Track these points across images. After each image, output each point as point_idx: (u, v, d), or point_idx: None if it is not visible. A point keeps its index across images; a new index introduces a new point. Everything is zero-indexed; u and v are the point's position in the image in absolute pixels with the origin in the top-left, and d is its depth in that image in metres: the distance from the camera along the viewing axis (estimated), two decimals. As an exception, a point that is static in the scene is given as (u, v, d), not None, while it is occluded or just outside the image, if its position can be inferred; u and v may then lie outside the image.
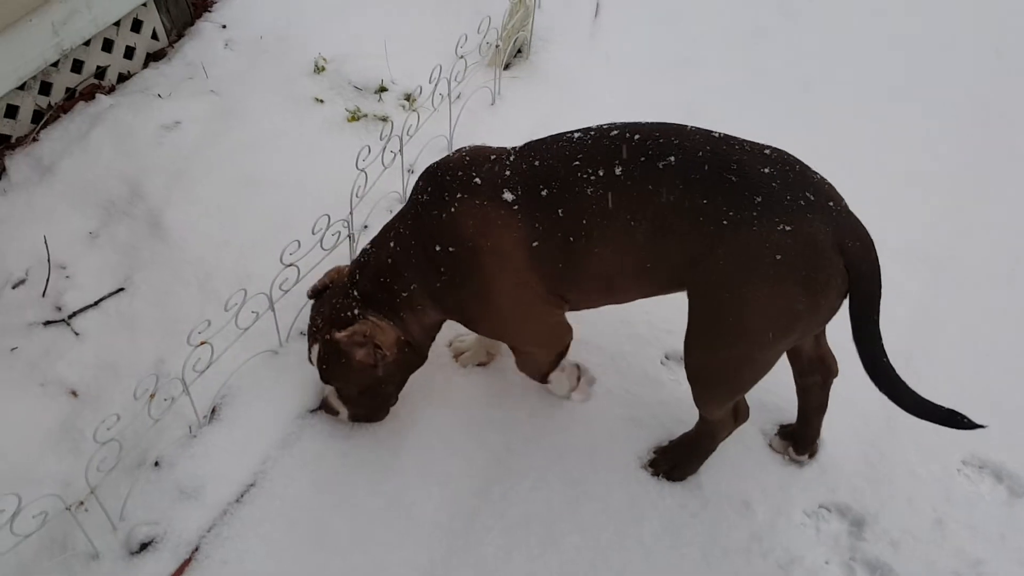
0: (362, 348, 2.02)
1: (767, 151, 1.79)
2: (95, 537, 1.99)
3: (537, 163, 1.90)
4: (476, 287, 1.92)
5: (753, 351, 1.83)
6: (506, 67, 3.11)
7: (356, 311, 2.04)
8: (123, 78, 3.24)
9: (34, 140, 2.93)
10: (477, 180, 1.91)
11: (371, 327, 2.02)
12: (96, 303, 2.52)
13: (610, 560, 2.08)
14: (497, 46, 3.08)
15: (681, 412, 2.28)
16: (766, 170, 1.73)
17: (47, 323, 2.48)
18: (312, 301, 2.21)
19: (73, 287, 2.55)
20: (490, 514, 2.13)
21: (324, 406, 2.22)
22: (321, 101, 3.07)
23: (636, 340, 2.48)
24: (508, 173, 1.91)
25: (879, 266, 1.74)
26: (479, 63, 3.00)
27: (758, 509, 2.16)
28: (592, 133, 1.90)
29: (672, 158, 1.78)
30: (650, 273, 1.87)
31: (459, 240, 1.89)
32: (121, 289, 2.55)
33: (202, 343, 2.07)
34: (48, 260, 2.56)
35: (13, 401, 2.30)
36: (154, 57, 3.34)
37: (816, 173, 1.80)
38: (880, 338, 1.77)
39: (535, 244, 1.87)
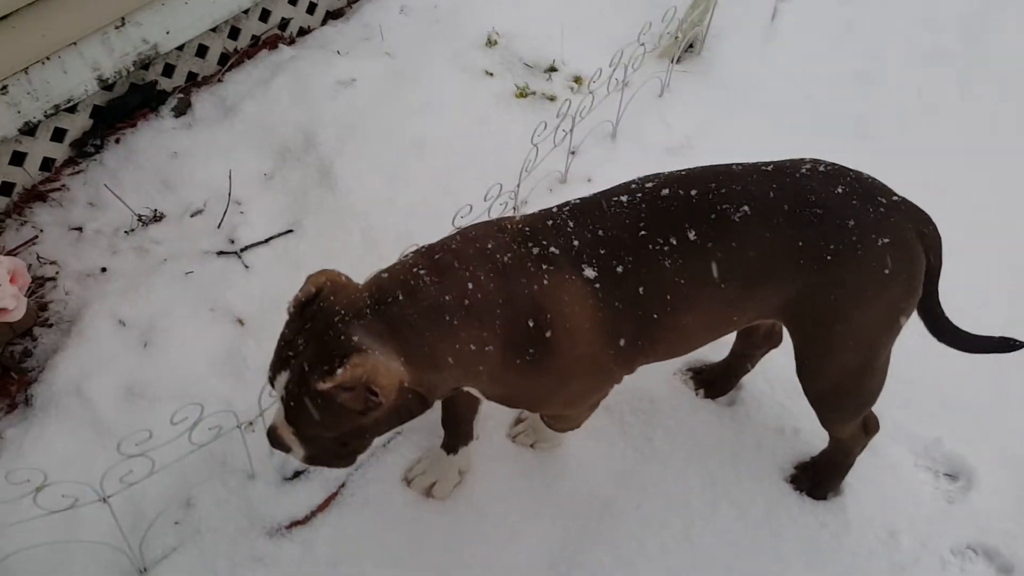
0: (351, 391, 1.51)
1: (821, 168, 1.76)
2: (254, 458, 2.09)
3: (602, 233, 1.69)
4: (559, 369, 1.68)
5: (872, 362, 1.85)
6: (676, 60, 3.09)
7: (356, 337, 1.51)
8: (303, 32, 3.37)
9: (219, 81, 3.07)
10: (554, 250, 1.67)
11: (371, 366, 1.48)
12: (266, 240, 2.64)
13: (744, 568, 2.05)
14: (676, 38, 3.06)
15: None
16: (839, 190, 1.72)
17: (220, 253, 2.61)
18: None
19: (246, 223, 2.68)
20: (627, 501, 2.13)
21: (272, 437, 1.66)
22: (491, 74, 3.11)
23: (785, 347, 2.43)
24: (577, 244, 1.68)
25: (941, 239, 1.79)
26: (651, 53, 2.99)
27: (903, 540, 2.09)
28: (640, 195, 1.73)
29: (746, 208, 1.68)
30: (735, 323, 1.86)
31: (536, 318, 1.62)
32: (290, 231, 2.66)
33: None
34: (229, 194, 2.69)
35: (185, 321, 2.43)
36: (333, 15, 3.46)
37: (863, 173, 1.79)
38: (938, 297, 1.85)
39: (614, 325, 1.68)
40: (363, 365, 1.47)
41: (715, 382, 2.35)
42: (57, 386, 2.29)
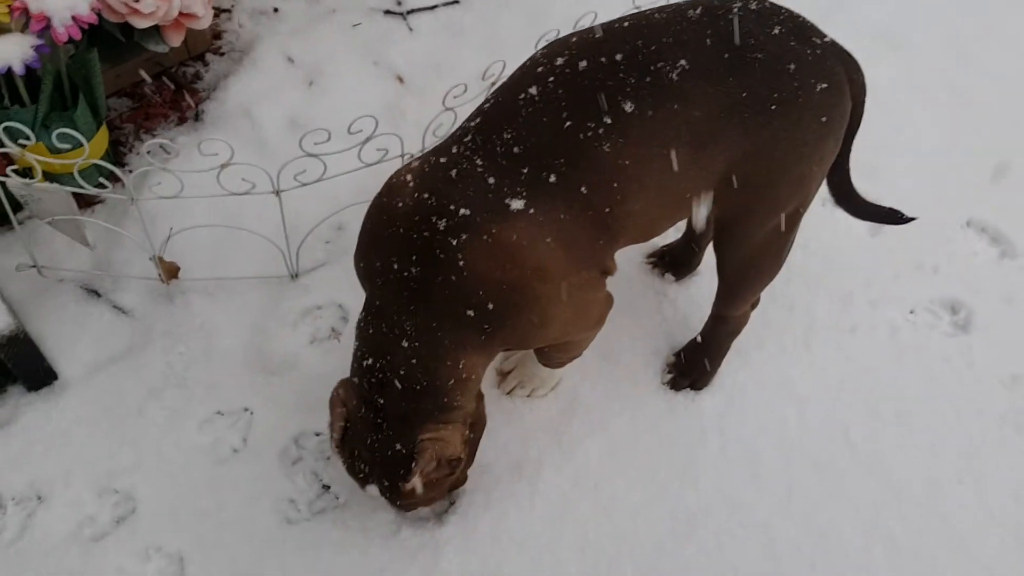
0: (435, 472, 1.60)
1: (753, 6, 1.56)
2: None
3: (518, 148, 1.48)
4: (528, 320, 1.55)
5: (797, 221, 1.73)
6: None
7: (404, 437, 1.56)
8: None
9: None
10: (465, 211, 1.46)
11: (433, 448, 1.55)
12: (432, 7, 2.65)
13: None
14: None
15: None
16: (776, 31, 1.53)
17: (387, 12, 2.64)
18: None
19: (415, -13, 2.69)
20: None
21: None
22: None
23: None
24: (493, 181, 1.48)
25: (866, 86, 1.65)
26: None
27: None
28: (553, 80, 1.50)
29: (683, 62, 1.48)
30: (688, 201, 1.62)
31: (490, 289, 1.48)
32: (456, 1, 2.66)
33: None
34: (404, -46, 2.70)
35: (349, 69, 2.50)
36: None
37: (792, 10, 1.61)
38: (849, 155, 1.75)
39: (569, 240, 1.52)
40: (429, 450, 1.54)
41: (679, 262, 2.18)
42: (228, 106, 2.41)
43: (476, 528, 1.85)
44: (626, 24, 1.56)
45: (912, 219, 1.88)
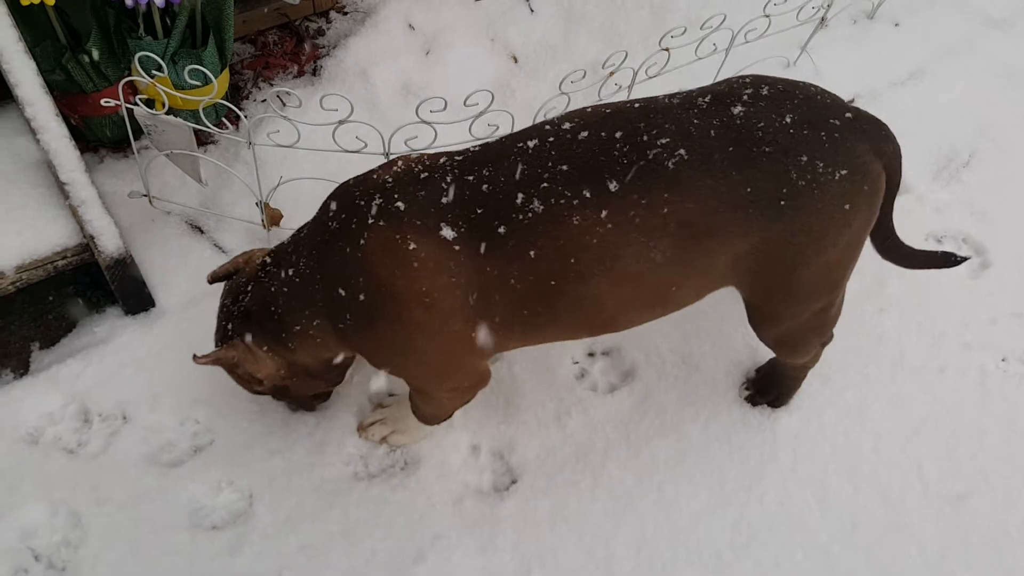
0: (236, 369, 1.70)
1: (765, 91, 1.49)
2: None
3: (486, 187, 1.45)
4: (392, 338, 1.53)
5: (835, 297, 1.68)
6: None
7: (231, 327, 1.66)
8: None
9: None
10: (400, 205, 1.47)
11: (240, 353, 1.65)
12: (555, -9, 2.65)
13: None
14: None
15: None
16: (787, 119, 1.45)
17: (509, -9, 2.66)
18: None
19: (540, -31, 2.70)
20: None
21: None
22: None
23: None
24: (446, 200, 1.47)
25: (900, 152, 1.57)
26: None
27: None
28: (552, 140, 1.48)
29: (682, 151, 1.42)
30: (677, 296, 1.57)
31: (369, 282, 1.48)
32: (585, -12, 2.66)
33: (666, 49, 2.11)
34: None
35: (466, 42, 2.53)
36: None
37: (810, 85, 1.53)
38: (892, 215, 1.70)
39: (488, 295, 1.47)
40: (233, 351, 1.65)
41: (770, 387, 2.02)
42: (346, 64, 2.45)
43: (535, 510, 1.87)
44: (637, 105, 1.52)
45: (965, 259, 1.80)
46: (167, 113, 1.91)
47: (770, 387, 2.00)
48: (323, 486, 1.87)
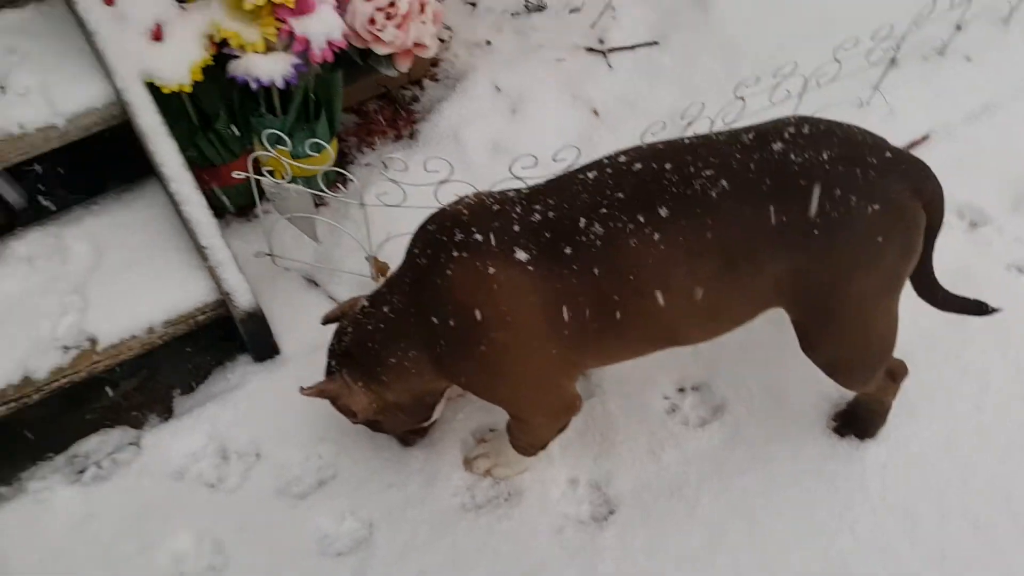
0: (336, 402, 1.88)
1: (806, 130, 1.61)
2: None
3: (552, 214, 1.63)
4: (482, 360, 1.70)
5: (874, 326, 1.76)
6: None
7: (333, 363, 1.88)
8: None
9: None
10: (478, 237, 1.64)
11: (338, 387, 1.84)
12: (631, 47, 2.82)
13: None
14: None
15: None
16: (824, 155, 1.57)
17: (589, 49, 2.84)
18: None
19: (616, 27, 2.87)
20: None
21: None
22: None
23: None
24: (517, 228, 1.64)
25: (943, 193, 1.68)
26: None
27: None
28: (609, 171, 1.65)
29: (724, 183, 1.57)
30: (730, 313, 1.73)
31: (459, 309, 1.65)
32: (655, 43, 2.82)
33: (741, 98, 2.24)
34: (610, -2, 2.89)
35: (549, 100, 2.71)
36: None
37: (852, 126, 1.65)
38: (932, 255, 1.80)
39: (561, 310, 1.64)
40: (333, 385, 1.84)
41: (856, 419, 2.10)
42: (440, 127, 2.67)
43: (633, 540, 1.98)
44: (686, 141, 1.67)
45: (997, 310, 1.89)
46: (288, 181, 2.14)
47: (855, 419, 2.08)
48: (434, 517, 2.03)
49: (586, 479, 2.08)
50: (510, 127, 2.66)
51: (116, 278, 2.13)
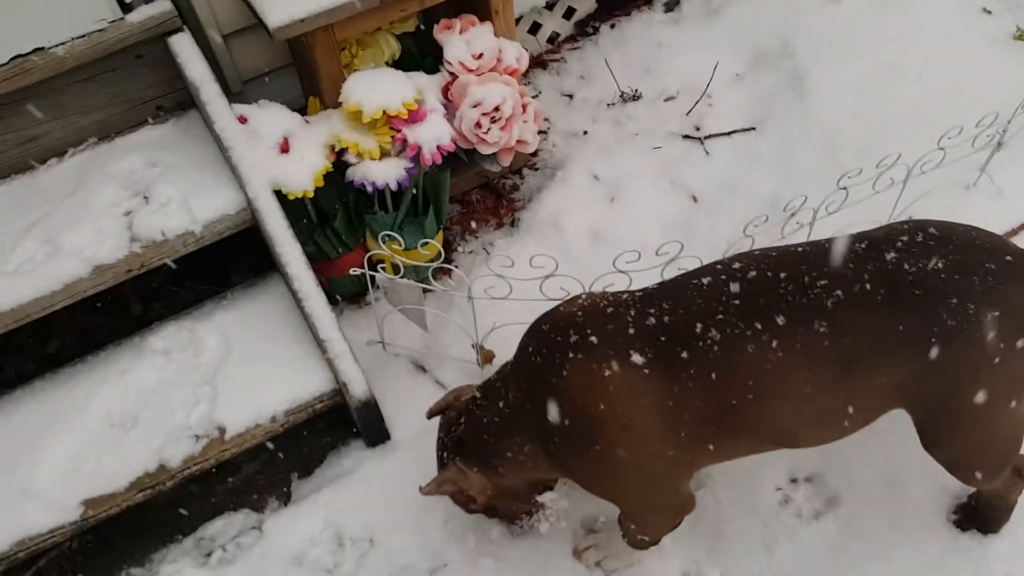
0: (456, 494, 1.94)
1: (919, 238, 1.62)
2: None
3: (667, 319, 1.66)
4: (597, 459, 1.71)
5: (1003, 425, 1.71)
6: None
7: (446, 455, 1.93)
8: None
9: (705, -15, 3.32)
10: (593, 339, 1.68)
11: (455, 475, 1.88)
12: (728, 133, 2.87)
13: None
14: None
15: None
16: (939, 264, 1.57)
17: (685, 136, 2.90)
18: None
19: (712, 114, 2.93)
20: None
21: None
22: (989, 12, 2.99)
23: None
24: (632, 331, 1.68)
25: None
26: None
27: None
28: (724, 277, 1.67)
29: (839, 293, 1.58)
30: (852, 416, 1.69)
31: (575, 409, 1.68)
32: (752, 128, 2.86)
33: (844, 188, 2.25)
34: (707, 85, 2.95)
35: (647, 187, 2.78)
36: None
37: (971, 229, 1.66)
38: None
39: (677, 413, 1.65)
40: (445, 479, 1.88)
41: (978, 513, 2.04)
42: (540, 216, 2.76)
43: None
44: (799, 249, 1.70)
45: None
46: (395, 273, 2.25)
47: (978, 514, 2.01)
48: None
49: (699, 571, 2.06)
50: (609, 214, 2.73)
51: (243, 369, 2.27)
